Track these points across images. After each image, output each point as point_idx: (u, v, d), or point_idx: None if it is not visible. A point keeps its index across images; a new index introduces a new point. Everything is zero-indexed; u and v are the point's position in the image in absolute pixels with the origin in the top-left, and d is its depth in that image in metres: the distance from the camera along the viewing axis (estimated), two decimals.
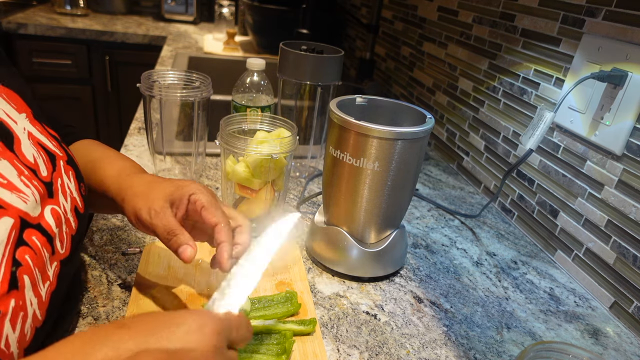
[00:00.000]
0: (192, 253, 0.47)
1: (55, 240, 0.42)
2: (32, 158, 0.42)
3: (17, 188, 0.38)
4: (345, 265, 0.64)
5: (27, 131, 0.43)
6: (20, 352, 0.36)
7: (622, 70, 0.65)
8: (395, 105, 0.68)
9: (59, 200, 0.43)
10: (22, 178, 0.39)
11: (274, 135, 0.67)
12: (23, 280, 0.36)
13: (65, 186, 0.45)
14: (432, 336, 0.57)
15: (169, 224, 0.47)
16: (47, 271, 0.40)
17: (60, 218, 0.43)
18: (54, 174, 0.44)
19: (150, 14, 2.42)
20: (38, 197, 0.40)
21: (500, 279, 0.70)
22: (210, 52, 1.72)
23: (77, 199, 0.47)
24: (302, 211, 0.81)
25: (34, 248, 0.38)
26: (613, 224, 0.67)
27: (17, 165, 0.39)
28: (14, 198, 0.37)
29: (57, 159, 0.45)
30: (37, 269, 0.38)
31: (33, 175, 0.41)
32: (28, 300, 0.37)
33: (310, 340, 0.52)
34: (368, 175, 0.59)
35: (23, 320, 0.36)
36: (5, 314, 0.34)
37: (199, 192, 0.50)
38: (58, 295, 0.42)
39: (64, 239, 0.43)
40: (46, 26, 1.84)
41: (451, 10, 1.11)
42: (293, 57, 0.82)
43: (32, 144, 0.43)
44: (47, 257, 0.40)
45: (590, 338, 0.61)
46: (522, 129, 0.86)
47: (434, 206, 0.89)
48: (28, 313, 0.37)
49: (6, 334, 0.34)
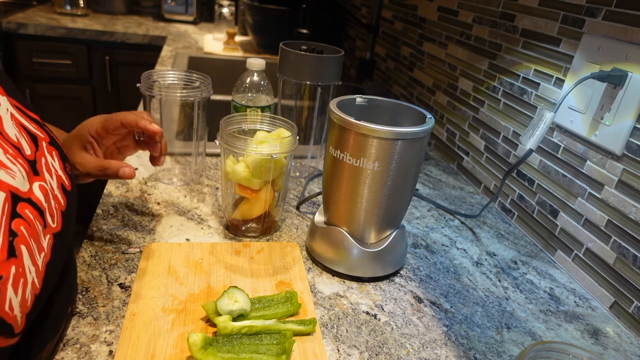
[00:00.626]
0: (130, 170, 0.59)
1: (46, 214, 0.43)
2: (15, 138, 0.43)
3: (5, 165, 0.39)
4: (345, 265, 0.64)
5: (9, 112, 0.44)
6: (23, 316, 0.38)
7: (622, 70, 0.65)
8: (395, 105, 0.68)
9: (45, 177, 0.45)
10: (7, 156, 0.40)
11: (274, 135, 0.67)
12: (20, 250, 0.38)
13: (50, 165, 0.47)
14: (432, 336, 0.57)
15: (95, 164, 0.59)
16: (41, 242, 0.41)
17: (48, 194, 0.44)
18: (37, 154, 0.45)
19: (150, 14, 2.42)
20: (25, 174, 0.41)
21: (500, 279, 0.70)
22: (210, 52, 1.72)
23: (63, 177, 0.49)
24: (302, 211, 0.81)
25: (27, 220, 0.39)
26: (613, 224, 0.67)
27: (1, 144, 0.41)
28: (2, 174, 0.38)
29: (39, 140, 0.47)
30: (32, 239, 0.40)
31: (18, 153, 0.42)
32: (27, 268, 0.38)
33: (310, 340, 0.52)
34: (368, 175, 0.59)
35: (24, 286, 0.38)
36: (7, 278, 0.36)
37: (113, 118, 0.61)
38: (53, 267, 0.43)
39: (54, 213, 0.45)
40: (46, 26, 1.84)
41: (451, 10, 1.11)
42: (293, 57, 0.82)
43: (15, 125, 0.44)
44: (40, 229, 0.41)
45: (590, 338, 0.61)
46: (522, 129, 0.86)
47: (434, 206, 0.89)
48: (27, 280, 0.38)
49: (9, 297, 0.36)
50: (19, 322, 0.37)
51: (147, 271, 0.59)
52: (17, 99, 0.47)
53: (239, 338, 0.49)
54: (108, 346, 0.49)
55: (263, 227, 0.71)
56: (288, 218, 0.78)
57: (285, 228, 0.75)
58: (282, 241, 0.71)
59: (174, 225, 0.71)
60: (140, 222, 0.70)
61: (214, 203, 0.78)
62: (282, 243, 0.70)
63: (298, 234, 0.74)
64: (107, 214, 0.71)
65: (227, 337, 0.49)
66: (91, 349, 0.48)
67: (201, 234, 0.70)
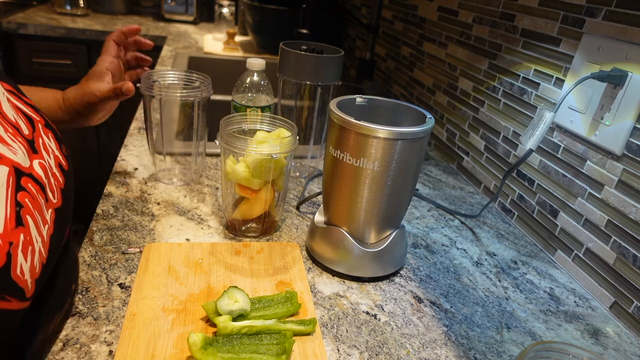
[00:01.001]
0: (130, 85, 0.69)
1: (47, 189, 0.45)
2: (13, 118, 0.45)
3: (6, 142, 0.41)
4: (345, 265, 0.64)
5: (5, 95, 0.46)
6: (32, 282, 0.40)
7: (622, 70, 0.65)
8: (395, 105, 0.68)
9: (44, 156, 0.47)
10: (7, 134, 0.42)
11: (274, 135, 0.67)
12: (27, 219, 0.40)
13: (47, 145, 0.49)
14: (432, 336, 0.57)
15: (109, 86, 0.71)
16: (44, 215, 0.43)
17: (48, 171, 0.46)
18: (34, 134, 0.47)
19: (150, 14, 2.42)
20: (25, 151, 0.43)
21: (500, 279, 0.70)
22: (210, 52, 1.72)
23: (60, 157, 0.51)
24: (302, 211, 0.81)
25: (31, 194, 0.42)
26: (613, 224, 0.67)
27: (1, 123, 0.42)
28: (5, 150, 0.40)
29: (35, 122, 0.49)
30: (36, 211, 0.42)
31: (17, 132, 0.44)
32: (34, 237, 0.41)
33: (310, 340, 0.52)
34: (368, 175, 0.59)
35: (32, 253, 0.40)
36: (17, 245, 0.38)
37: None
38: (56, 240, 0.45)
39: (54, 190, 0.47)
40: (46, 26, 1.84)
41: (451, 10, 1.11)
42: (293, 57, 0.82)
43: (11, 107, 0.46)
44: (42, 203, 0.43)
45: (590, 338, 0.61)
46: (522, 129, 0.86)
47: (434, 206, 0.89)
48: (35, 248, 0.41)
49: (20, 263, 0.38)
50: (30, 287, 0.39)
51: (147, 271, 0.59)
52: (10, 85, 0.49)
53: (239, 338, 0.49)
54: (108, 346, 0.49)
55: (263, 227, 0.71)
56: (288, 218, 0.78)
57: (285, 228, 0.75)
58: (282, 241, 0.71)
59: (174, 225, 0.71)
60: (140, 222, 0.70)
61: (214, 203, 0.78)
62: (282, 243, 0.70)
63: (298, 234, 0.74)
64: (107, 214, 0.71)
65: (227, 337, 0.49)
66: (91, 349, 0.48)
67: (201, 234, 0.70)
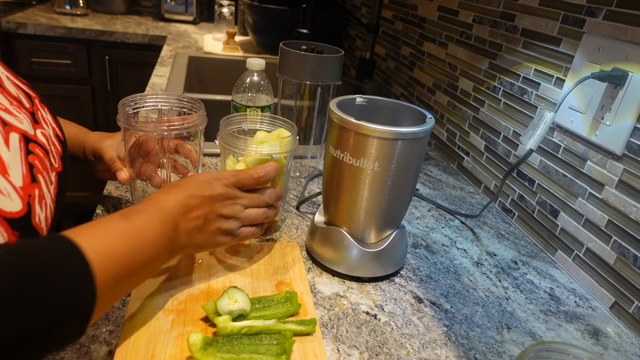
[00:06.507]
0: (125, 175, 0.67)
1: (50, 155, 0.49)
2: (15, 93, 0.49)
3: (12, 112, 0.46)
4: (345, 265, 0.64)
5: (5, 74, 0.50)
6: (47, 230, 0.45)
7: (622, 70, 0.65)
8: (395, 105, 0.68)
9: (43, 126, 0.51)
10: (13, 107, 0.47)
11: (274, 135, 0.67)
12: (38, 178, 0.45)
13: (45, 117, 0.53)
14: (432, 336, 0.57)
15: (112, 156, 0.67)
16: (50, 177, 0.48)
17: (49, 139, 0.51)
18: (34, 107, 0.51)
19: (150, 14, 2.42)
20: (29, 121, 0.48)
21: (501, 279, 0.70)
22: (210, 52, 1.72)
23: (56, 128, 0.55)
24: (302, 211, 0.81)
25: (38, 157, 0.46)
26: (613, 224, 0.67)
27: (7, 97, 0.47)
28: (13, 119, 0.45)
29: (33, 98, 0.53)
30: (45, 172, 0.46)
31: (20, 105, 0.49)
32: (45, 193, 0.45)
33: (310, 340, 0.52)
34: (368, 175, 0.59)
35: (45, 206, 0.45)
36: (34, 197, 0.43)
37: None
38: (59, 200, 0.49)
39: (55, 156, 0.51)
40: (46, 26, 1.84)
41: (451, 10, 1.11)
42: (293, 57, 0.82)
43: (12, 84, 0.50)
44: (48, 165, 0.48)
45: (590, 338, 0.61)
46: (522, 129, 0.86)
47: (434, 206, 0.89)
48: (47, 203, 0.45)
49: (38, 213, 0.43)
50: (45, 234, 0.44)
51: None
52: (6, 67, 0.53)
53: (239, 338, 0.49)
54: (108, 346, 0.49)
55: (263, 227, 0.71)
56: (288, 218, 0.78)
57: (285, 228, 0.75)
58: (282, 241, 0.71)
59: None
60: None
61: None
62: (282, 243, 0.70)
63: (298, 234, 0.74)
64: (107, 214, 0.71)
65: (227, 337, 0.49)
66: (91, 349, 0.48)
67: None
